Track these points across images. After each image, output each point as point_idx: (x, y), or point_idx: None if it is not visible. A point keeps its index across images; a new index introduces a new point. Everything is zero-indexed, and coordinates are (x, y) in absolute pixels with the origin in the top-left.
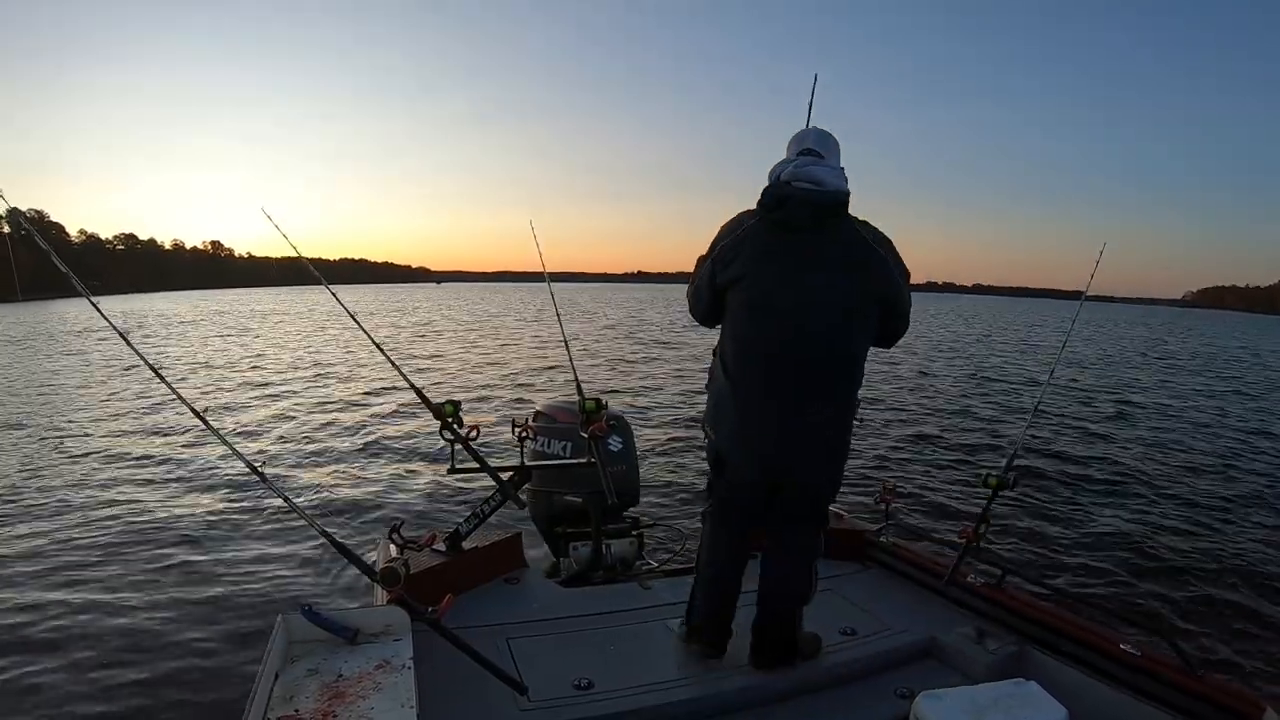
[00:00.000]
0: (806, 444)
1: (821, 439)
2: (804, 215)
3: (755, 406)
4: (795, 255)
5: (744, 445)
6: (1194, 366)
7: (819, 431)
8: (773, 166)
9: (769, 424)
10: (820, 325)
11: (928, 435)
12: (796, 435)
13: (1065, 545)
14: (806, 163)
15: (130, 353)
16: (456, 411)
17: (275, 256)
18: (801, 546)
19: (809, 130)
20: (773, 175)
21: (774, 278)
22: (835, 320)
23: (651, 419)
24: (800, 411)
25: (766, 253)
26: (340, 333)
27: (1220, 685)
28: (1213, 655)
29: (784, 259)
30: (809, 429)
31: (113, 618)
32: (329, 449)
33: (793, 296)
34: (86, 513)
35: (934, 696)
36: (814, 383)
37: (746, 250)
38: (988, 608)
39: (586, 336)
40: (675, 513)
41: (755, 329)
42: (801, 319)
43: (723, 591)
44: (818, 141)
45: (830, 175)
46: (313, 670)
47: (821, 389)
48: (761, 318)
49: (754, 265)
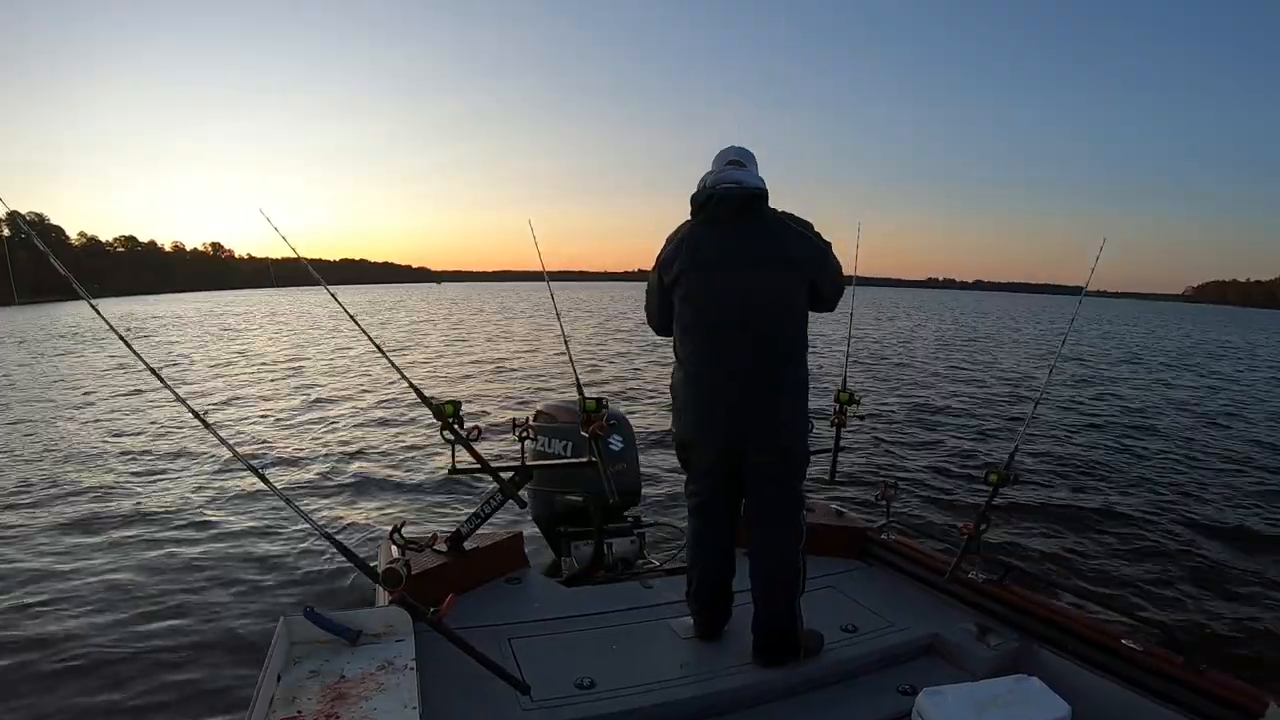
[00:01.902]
0: (763, 407)
1: (776, 401)
2: (728, 208)
3: (709, 385)
4: (726, 244)
5: (706, 423)
6: (1196, 363)
7: (773, 395)
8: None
9: (724, 396)
10: (758, 302)
11: (928, 431)
12: (753, 401)
13: (1067, 541)
14: (728, 169)
15: (129, 354)
16: (457, 411)
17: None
18: (783, 506)
19: (730, 146)
20: (701, 184)
21: (710, 266)
22: (770, 297)
23: (652, 418)
24: (751, 380)
25: (701, 246)
26: (340, 333)
27: (1222, 680)
28: (1215, 650)
29: (717, 249)
30: (763, 394)
31: (113, 619)
32: (330, 450)
33: (728, 281)
34: (86, 514)
35: (936, 693)
36: (759, 354)
37: (684, 249)
38: (989, 604)
39: (587, 335)
40: (676, 511)
41: (699, 315)
42: (739, 300)
43: (713, 581)
44: (739, 154)
45: (748, 176)
46: (315, 671)
47: (767, 359)
48: (703, 304)
49: (691, 259)
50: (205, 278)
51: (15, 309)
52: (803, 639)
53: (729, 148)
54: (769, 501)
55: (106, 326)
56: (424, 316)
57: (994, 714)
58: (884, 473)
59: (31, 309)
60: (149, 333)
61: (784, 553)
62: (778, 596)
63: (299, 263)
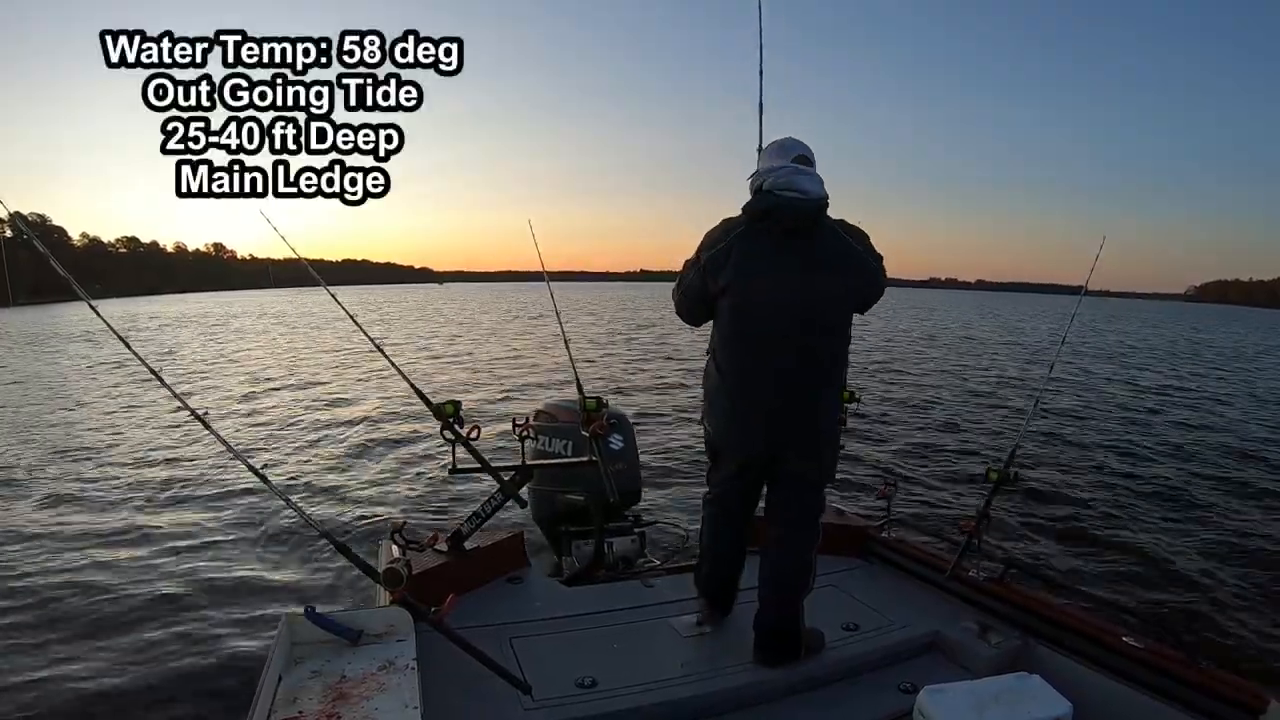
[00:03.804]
0: (806, 415)
1: (816, 409)
2: (790, 222)
3: (752, 392)
4: (782, 259)
5: (745, 429)
6: (1196, 360)
7: (814, 403)
8: (753, 174)
9: (767, 404)
10: (809, 314)
11: (929, 430)
12: (796, 410)
13: (1067, 538)
14: (790, 170)
15: (129, 355)
16: (457, 411)
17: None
18: (811, 511)
19: (792, 141)
20: (755, 184)
21: (763, 275)
22: (821, 309)
23: (652, 417)
24: (795, 389)
25: (754, 258)
26: (340, 334)
27: (1224, 677)
28: (1216, 647)
29: (771, 258)
30: (805, 403)
31: (114, 621)
32: (330, 450)
33: (781, 291)
34: (86, 515)
35: (937, 691)
36: (805, 363)
37: (735, 257)
38: (990, 602)
39: (587, 335)
40: (677, 510)
41: (748, 323)
42: (791, 310)
43: (723, 574)
44: (803, 150)
45: (814, 184)
46: (316, 672)
47: (812, 368)
48: (751, 319)
49: (743, 271)
50: (207, 278)
51: (13, 310)
52: (805, 637)
53: (788, 140)
54: (798, 505)
55: (106, 327)
56: (429, 316)
57: (995, 711)
58: (884, 471)
59: (32, 310)
60: (151, 333)
61: (803, 555)
62: (788, 597)
63: (300, 263)
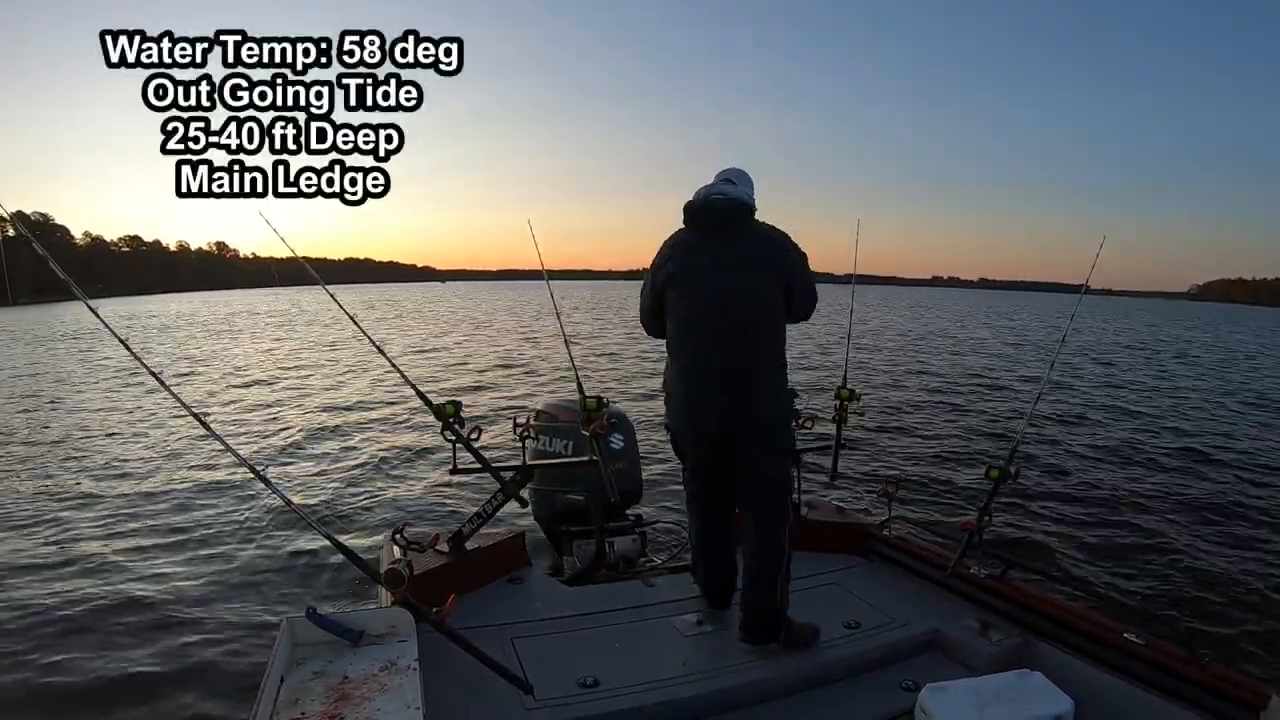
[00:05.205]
0: (747, 395)
1: (756, 387)
2: (717, 217)
3: (698, 376)
4: (714, 251)
5: (696, 412)
6: (1197, 359)
7: (755, 382)
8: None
9: (713, 387)
10: (741, 301)
11: (929, 428)
12: (738, 390)
13: (1068, 536)
14: (718, 182)
15: (129, 356)
16: (458, 412)
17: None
18: (768, 486)
19: (728, 168)
20: (695, 196)
21: (698, 269)
22: (750, 299)
23: (653, 417)
24: (733, 371)
25: (691, 252)
26: (340, 334)
27: (1225, 674)
28: (1217, 644)
29: (705, 254)
30: (748, 383)
31: (114, 623)
32: (330, 451)
33: (715, 281)
34: (86, 516)
35: (939, 688)
36: (743, 346)
37: (677, 253)
38: (991, 599)
39: (588, 335)
40: (677, 509)
41: (689, 312)
42: (725, 298)
43: (712, 559)
44: (733, 174)
45: (736, 191)
46: (318, 673)
47: (748, 352)
48: (691, 302)
49: (683, 262)
50: (209, 277)
51: (13, 310)
52: (784, 620)
53: (726, 169)
54: (757, 487)
55: (105, 328)
56: (432, 315)
57: (996, 709)
58: (885, 469)
59: (32, 309)
60: (151, 333)
61: (771, 534)
62: (762, 577)
63: (301, 263)
